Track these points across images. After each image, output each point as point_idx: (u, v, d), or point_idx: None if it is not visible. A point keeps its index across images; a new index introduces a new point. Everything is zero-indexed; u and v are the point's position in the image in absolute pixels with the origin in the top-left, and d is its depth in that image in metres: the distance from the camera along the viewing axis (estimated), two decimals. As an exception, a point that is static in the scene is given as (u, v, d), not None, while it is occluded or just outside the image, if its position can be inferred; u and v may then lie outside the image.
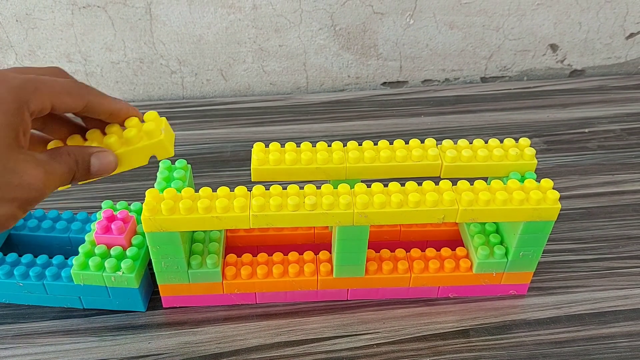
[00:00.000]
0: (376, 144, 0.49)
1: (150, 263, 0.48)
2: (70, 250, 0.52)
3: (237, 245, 0.53)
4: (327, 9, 0.79)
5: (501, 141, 0.50)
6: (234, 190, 0.44)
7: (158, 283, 0.48)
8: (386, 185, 0.45)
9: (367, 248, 0.47)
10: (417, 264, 0.50)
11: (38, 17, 0.77)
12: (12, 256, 0.49)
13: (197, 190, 0.45)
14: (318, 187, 0.45)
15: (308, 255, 0.50)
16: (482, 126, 0.76)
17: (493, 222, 0.51)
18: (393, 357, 0.46)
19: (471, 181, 0.46)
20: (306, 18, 0.80)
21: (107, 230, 0.47)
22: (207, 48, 0.82)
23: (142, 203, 0.45)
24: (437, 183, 0.45)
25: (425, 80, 0.89)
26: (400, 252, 0.51)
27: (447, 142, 0.49)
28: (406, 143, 0.49)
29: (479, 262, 0.49)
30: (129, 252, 0.47)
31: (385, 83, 0.88)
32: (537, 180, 0.47)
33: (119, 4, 0.76)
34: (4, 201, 0.31)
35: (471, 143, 0.49)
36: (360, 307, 0.51)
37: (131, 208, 0.53)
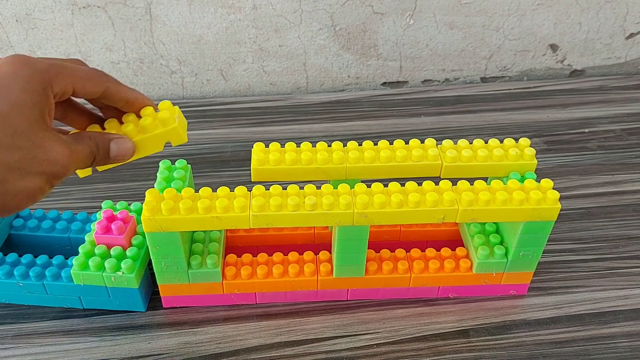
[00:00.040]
0: (376, 144, 0.49)
1: (150, 263, 0.48)
2: (70, 250, 0.52)
3: (237, 245, 0.53)
4: (327, 9, 0.79)
5: (501, 141, 0.50)
6: (234, 190, 0.44)
7: (158, 283, 0.48)
8: (386, 185, 0.45)
9: (367, 248, 0.47)
10: (417, 264, 0.50)
11: (38, 17, 0.77)
12: (12, 256, 0.49)
13: (197, 190, 0.45)
14: (318, 187, 0.45)
15: (308, 255, 0.50)
16: (482, 126, 0.76)
17: (493, 222, 0.51)
18: (393, 357, 0.46)
19: (471, 181, 0.46)
20: (306, 18, 0.80)
21: (107, 230, 0.47)
22: (207, 48, 0.82)
23: (142, 203, 0.45)
24: (437, 183, 0.45)
25: (425, 80, 0.89)
26: (400, 252, 0.51)
27: (447, 142, 0.49)
28: (406, 143, 0.49)
29: (479, 262, 0.49)
30: (129, 252, 0.47)
31: (385, 83, 0.88)
32: (537, 180, 0.47)
33: (119, 4, 0.76)
34: (33, 174, 0.32)
35: (471, 143, 0.49)
36: (360, 307, 0.51)
37: (131, 208, 0.53)
